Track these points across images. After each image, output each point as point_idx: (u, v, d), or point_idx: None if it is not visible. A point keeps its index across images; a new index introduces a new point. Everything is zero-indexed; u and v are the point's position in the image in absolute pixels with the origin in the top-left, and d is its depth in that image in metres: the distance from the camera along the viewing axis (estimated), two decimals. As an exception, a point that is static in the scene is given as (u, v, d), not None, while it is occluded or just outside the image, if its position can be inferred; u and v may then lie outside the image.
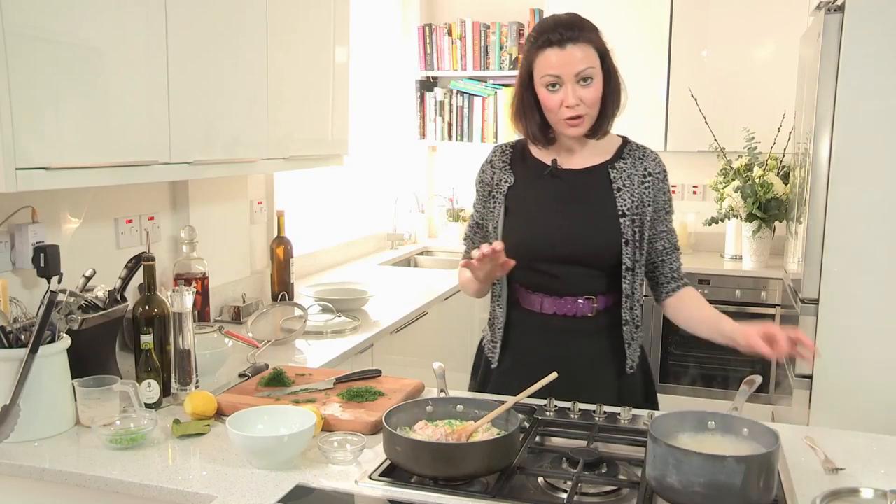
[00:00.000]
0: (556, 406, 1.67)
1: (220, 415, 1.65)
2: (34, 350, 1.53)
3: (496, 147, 1.91)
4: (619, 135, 1.85)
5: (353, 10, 2.83)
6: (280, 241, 2.90)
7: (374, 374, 1.87)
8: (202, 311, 2.39)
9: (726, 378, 3.76)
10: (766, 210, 3.72)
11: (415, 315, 2.87)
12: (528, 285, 1.81)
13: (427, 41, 4.48)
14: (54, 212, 1.99)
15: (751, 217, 3.76)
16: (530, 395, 1.45)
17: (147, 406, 1.68)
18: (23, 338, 1.57)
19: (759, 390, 1.57)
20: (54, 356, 1.59)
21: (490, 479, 1.34)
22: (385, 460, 1.39)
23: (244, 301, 2.67)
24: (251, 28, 2.21)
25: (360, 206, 4.15)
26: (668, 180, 1.82)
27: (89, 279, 1.84)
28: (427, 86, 4.56)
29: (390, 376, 1.87)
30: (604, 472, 1.40)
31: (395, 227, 4.44)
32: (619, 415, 1.63)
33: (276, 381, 1.83)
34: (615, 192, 1.76)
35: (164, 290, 1.82)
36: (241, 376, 1.92)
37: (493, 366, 1.88)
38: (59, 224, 2.01)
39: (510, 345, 1.86)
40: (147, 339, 1.74)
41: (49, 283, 1.66)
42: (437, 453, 1.31)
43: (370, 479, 1.35)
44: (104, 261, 2.05)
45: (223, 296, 2.64)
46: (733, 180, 3.83)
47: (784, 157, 3.78)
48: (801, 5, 3.61)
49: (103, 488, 1.40)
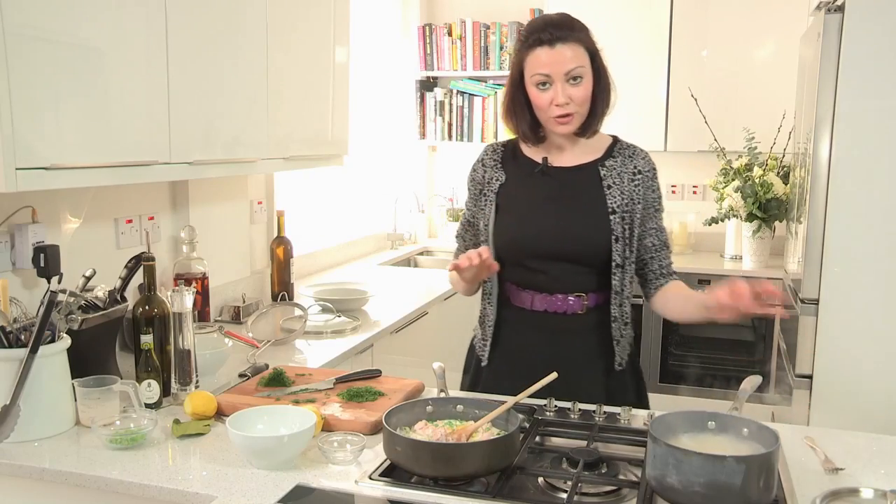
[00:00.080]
0: (556, 406, 1.67)
1: (220, 415, 1.65)
2: (34, 350, 1.53)
3: (487, 146, 1.92)
4: (610, 134, 1.86)
5: (353, 10, 2.83)
6: (280, 241, 2.90)
7: (374, 374, 1.87)
8: (202, 311, 2.39)
9: (726, 378, 3.76)
10: (766, 210, 3.72)
11: (415, 315, 2.88)
12: (518, 283, 1.82)
13: (427, 41, 4.48)
14: (54, 212, 1.99)
15: (751, 217, 3.76)
16: (530, 395, 1.45)
17: (147, 406, 1.68)
18: (23, 338, 1.57)
19: (759, 390, 1.56)
20: (54, 356, 1.59)
21: (490, 479, 1.34)
22: (385, 460, 1.39)
23: (244, 301, 2.67)
24: (251, 28, 2.21)
25: (360, 206, 4.15)
26: (657, 178, 1.83)
27: (89, 279, 1.84)
28: (427, 86, 4.55)
29: (390, 376, 1.87)
30: (604, 472, 1.40)
31: (395, 227, 4.44)
32: (619, 415, 1.63)
33: (276, 381, 1.83)
34: (605, 189, 1.77)
35: (164, 290, 1.82)
36: (241, 376, 1.92)
37: (483, 363, 1.89)
38: (59, 224, 2.01)
39: (500, 342, 1.87)
40: (147, 339, 1.74)
41: (49, 283, 1.66)
42: (437, 453, 1.31)
43: (370, 479, 1.35)
44: (104, 261, 2.05)
45: (223, 296, 2.64)
46: (733, 180, 3.83)
47: (784, 157, 3.77)
48: (801, 5, 3.60)
49: (103, 488, 1.40)
